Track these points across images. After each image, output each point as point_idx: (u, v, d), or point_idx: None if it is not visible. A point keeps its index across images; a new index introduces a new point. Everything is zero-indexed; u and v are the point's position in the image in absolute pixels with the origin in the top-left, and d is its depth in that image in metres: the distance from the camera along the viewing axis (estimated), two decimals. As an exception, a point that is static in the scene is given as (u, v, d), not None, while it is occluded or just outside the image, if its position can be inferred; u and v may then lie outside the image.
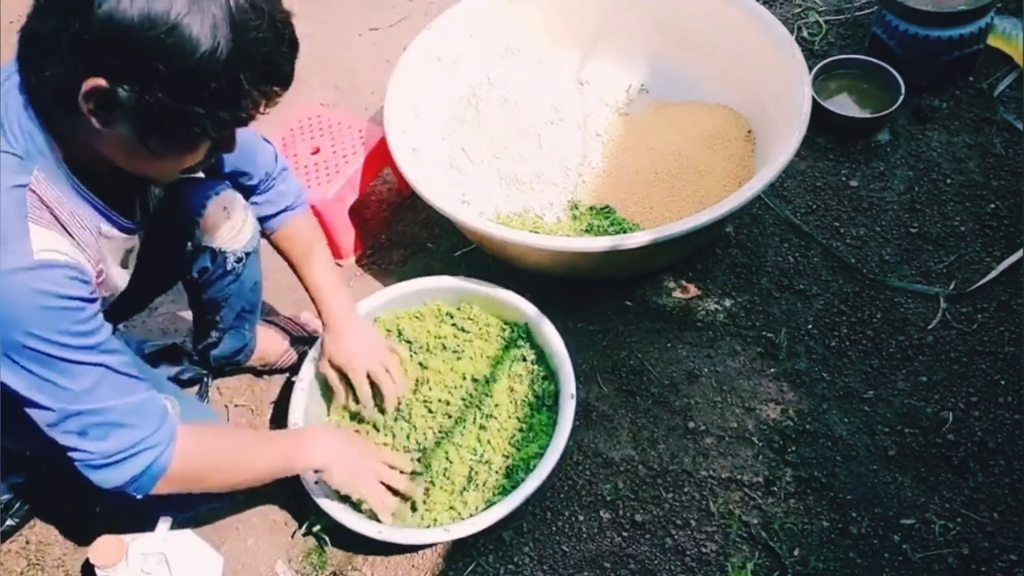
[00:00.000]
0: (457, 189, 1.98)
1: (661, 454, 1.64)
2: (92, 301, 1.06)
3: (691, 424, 1.67)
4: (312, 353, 1.68)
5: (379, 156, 1.99)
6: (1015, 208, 1.93)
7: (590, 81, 2.14)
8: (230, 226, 1.42)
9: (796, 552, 1.50)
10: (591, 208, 1.91)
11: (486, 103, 2.04)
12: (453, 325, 1.75)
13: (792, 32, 2.05)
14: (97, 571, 1.44)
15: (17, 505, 1.61)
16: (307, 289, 1.57)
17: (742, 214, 1.97)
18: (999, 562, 1.46)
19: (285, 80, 1.00)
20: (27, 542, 1.65)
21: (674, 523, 1.56)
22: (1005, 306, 1.78)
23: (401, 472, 1.52)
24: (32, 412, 1.05)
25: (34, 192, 1.01)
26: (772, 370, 1.73)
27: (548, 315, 1.69)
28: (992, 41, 2.17)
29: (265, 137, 1.50)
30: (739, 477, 1.60)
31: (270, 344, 1.79)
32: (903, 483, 1.56)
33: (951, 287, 1.82)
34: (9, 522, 1.61)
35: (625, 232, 1.82)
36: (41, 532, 1.67)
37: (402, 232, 2.08)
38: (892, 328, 1.77)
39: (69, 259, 1.03)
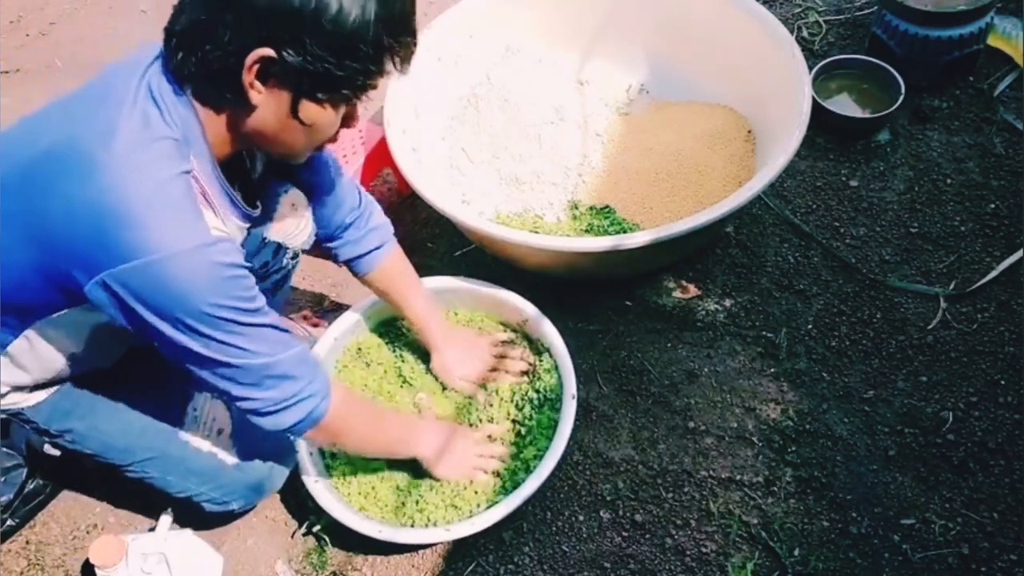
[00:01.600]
0: (457, 189, 1.98)
1: (661, 454, 1.64)
2: (250, 268, 1.16)
3: (691, 424, 1.67)
4: (313, 353, 1.68)
5: (379, 156, 1.99)
6: (1015, 208, 1.93)
7: (590, 81, 2.14)
8: (295, 223, 1.45)
9: (796, 552, 1.50)
10: (591, 208, 1.91)
11: (486, 103, 2.04)
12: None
13: (792, 32, 2.05)
14: (97, 571, 1.44)
15: (17, 505, 1.61)
16: (408, 317, 1.65)
17: (742, 214, 1.97)
18: (999, 562, 1.46)
19: (415, 33, 1.12)
20: (27, 542, 1.65)
21: (674, 523, 1.56)
22: (1005, 306, 1.78)
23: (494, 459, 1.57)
24: (203, 372, 1.16)
25: (195, 178, 1.10)
26: (772, 370, 1.73)
27: (548, 315, 1.69)
28: (992, 41, 2.17)
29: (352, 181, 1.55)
30: (739, 477, 1.60)
31: None
32: (903, 483, 1.57)
33: (951, 287, 1.82)
34: (9, 522, 1.61)
35: (625, 232, 1.82)
36: (41, 532, 1.67)
37: (402, 232, 2.07)
38: (892, 328, 1.77)
39: (228, 234, 1.15)
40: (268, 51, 1.01)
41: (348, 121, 1.18)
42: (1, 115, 2.40)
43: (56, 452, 1.49)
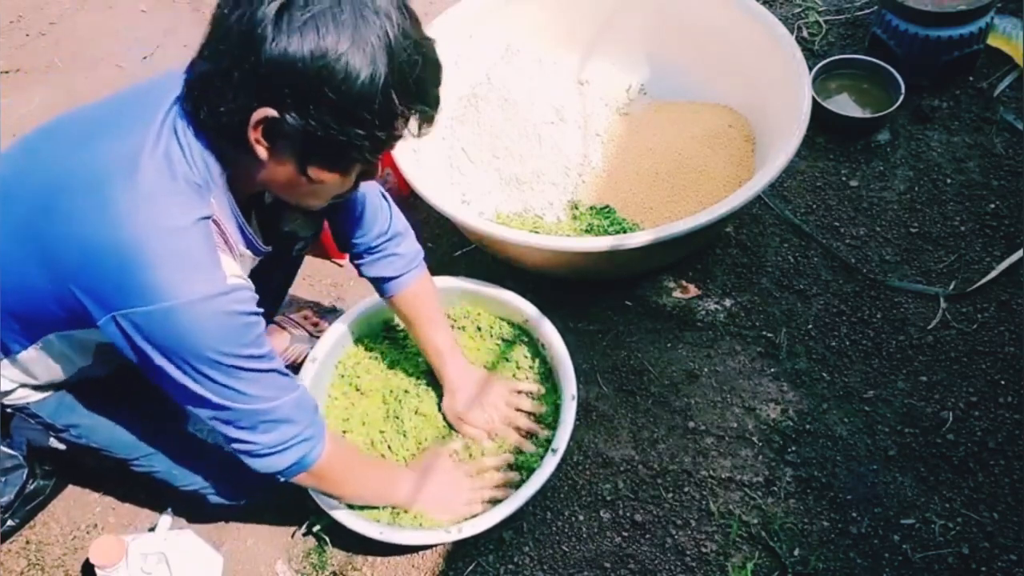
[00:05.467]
0: (457, 189, 1.98)
1: (661, 454, 1.64)
2: (261, 315, 1.16)
3: (691, 424, 1.67)
4: (313, 353, 1.68)
5: (379, 156, 1.99)
6: (1015, 208, 1.93)
7: (590, 81, 2.14)
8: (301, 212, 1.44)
9: (796, 552, 1.50)
10: (591, 208, 1.91)
11: (486, 103, 2.04)
12: (453, 325, 1.74)
13: (792, 32, 2.05)
14: (97, 571, 1.44)
15: (17, 505, 1.61)
16: (425, 350, 1.62)
17: (742, 214, 1.97)
18: (999, 562, 1.46)
19: (434, 101, 1.09)
20: (27, 542, 1.65)
21: (674, 523, 1.56)
22: (1005, 306, 1.78)
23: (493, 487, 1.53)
24: (201, 411, 1.16)
25: (216, 221, 1.11)
26: (772, 370, 1.73)
27: (548, 315, 1.69)
28: (992, 41, 2.17)
29: (387, 198, 1.54)
30: (739, 477, 1.60)
31: (271, 342, 1.79)
32: (903, 483, 1.57)
33: (951, 287, 1.82)
34: (9, 522, 1.61)
35: (625, 232, 1.82)
36: (41, 532, 1.67)
37: (402, 232, 2.08)
38: (892, 328, 1.77)
39: (244, 281, 1.15)
40: (271, 112, 1.00)
41: (367, 177, 1.16)
42: (1, 115, 2.40)
43: (62, 446, 1.49)
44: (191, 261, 1.06)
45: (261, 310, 1.16)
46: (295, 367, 1.77)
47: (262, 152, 1.05)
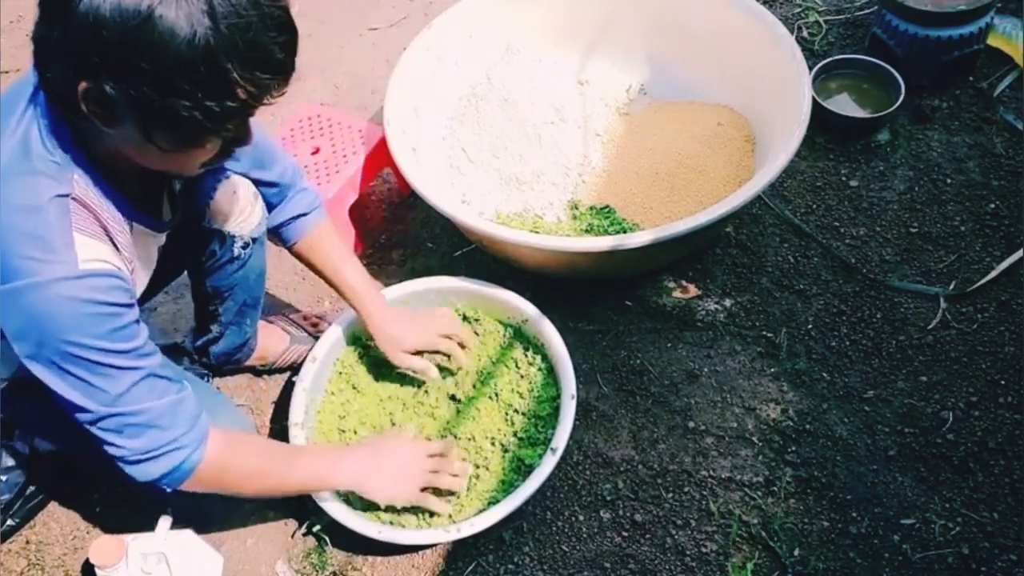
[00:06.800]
0: (457, 189, 1.98)
1: (661, 454, 1.64)
2: (131, 307, 1.10)
3: (691, 424, 1.67)
4: (313, 353, 1.68)
5: (379, 156, 1.99)
6: (1015, 208, 1.93)
7: (590, 81, 2.14)
8: (239, 210, 1.42)
9: (796, 552, 1.50)
10: (591, 208, 1.91)
11: (486, 103, 2.04)
12: (453, 325, 1.75)
13: (792, 32, 2.05)
14: (97, 571, 1.44)
15: (17, 505, 1.61)
16: (343, 291, 1.58)
17: (742, 214, 1.97)
18: (999, 562, 1.46)
19: (278, 68, 0.96)
20: (27, 542, 1.65)
21: (674, 523, 1.56)
22: (1005, 306, 1.78)
23: (449, 465, 1.51)
24: (71, 411, 1.10)
25: (76, 199, 1.04)
26: (772, 370, 1.73)
27: (548, 315, 1.69)
28: (992, 41, 2.17)
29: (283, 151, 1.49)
30: (739, 477, 1.60)
31: (270, 343, 1.79)
32: (903, 483, 1.57)
33: (951, 287, 1.82)
34: (9, 522, 1.61)
35: (625, 232, 1.82)
36: (41, 532, 1.67)
37: (402, 232, 2.08)
38: (892, 328, 1.77)
39: (111, 267, 1.07)
40: (90, 84, 0.93)
41: (235, 142, 1.07)
42: (1, 115, 2.40)
43: (26, 450, 1.48)
44: (37, 242, 1.00)
45: (129, 301, 1.08)
46: (295, 367, 1.78)
47: (101, 124, 0.97)
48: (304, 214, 1.53)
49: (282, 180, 1.49)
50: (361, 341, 1.74)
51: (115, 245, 1.10)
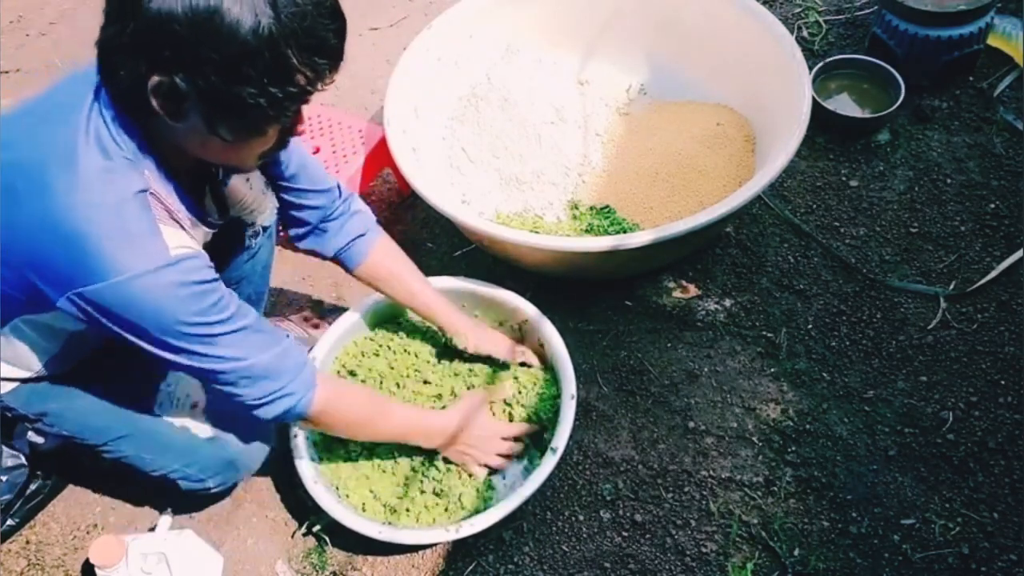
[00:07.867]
0: (457, 189, 1.98)
1: (661, 454, 1.64)
2: (218, 280, 1.17)
3: (691, 424, 1.67)
4: (313, 353, 1.68)
5: (379, 156, 1.99)
6: (1015, 208, 1.93)
7: (590, 81, 2.14)
8: (252, 198, 1.44)
9: (796, 552, 1.50)
10: (591, 208, 1.91)
11: (486, 103, 2.04)
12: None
13: (792, 32, 2.05)
14: (97, 571, 1.44)
15: (18, 505, 1.61)
16: (414, 304, 1.64)
17: (742, 214, 1.97)
18: (999, 562, 1.46)
19: (332, 53, 1.04)
20: (27, 542, 1.65)
21: (674, 523, 1.56)
22: (1005, 306, 1.78)
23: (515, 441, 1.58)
24: (184, 373, 1.22)
25: (153, 194, 1.10)
26: (772, 370, 1.73)
27: (548, 315, 1.69)
28: (992, 41, 2.17)
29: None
30: (739, 477, 1.60)
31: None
32: (903, 483, 1.57)
33: (951, 287, 1.82)
34: (9, 522, 1.61)
35: (625, 232, 1.82)
36: (41, 532, 1.67)
37: (402, 232, 2.08)
38: (892, 328, 1.77)
39: (194, 251, 1.14)
40: (162, 77, 0.99)
41: (290, 131, 1.14)
42: (1, 115, 2.40)
43: (40, 439, 1.49)
44: (130, 236, 1.06)
45: (215, 276, 1.16)
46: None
47: (168, 117, 1.03)
48: (362, 235, 1.56)
49: (336, 199, 1.52)
50: (361, 341, 1.74)
51: (188, 232, 1.17)
